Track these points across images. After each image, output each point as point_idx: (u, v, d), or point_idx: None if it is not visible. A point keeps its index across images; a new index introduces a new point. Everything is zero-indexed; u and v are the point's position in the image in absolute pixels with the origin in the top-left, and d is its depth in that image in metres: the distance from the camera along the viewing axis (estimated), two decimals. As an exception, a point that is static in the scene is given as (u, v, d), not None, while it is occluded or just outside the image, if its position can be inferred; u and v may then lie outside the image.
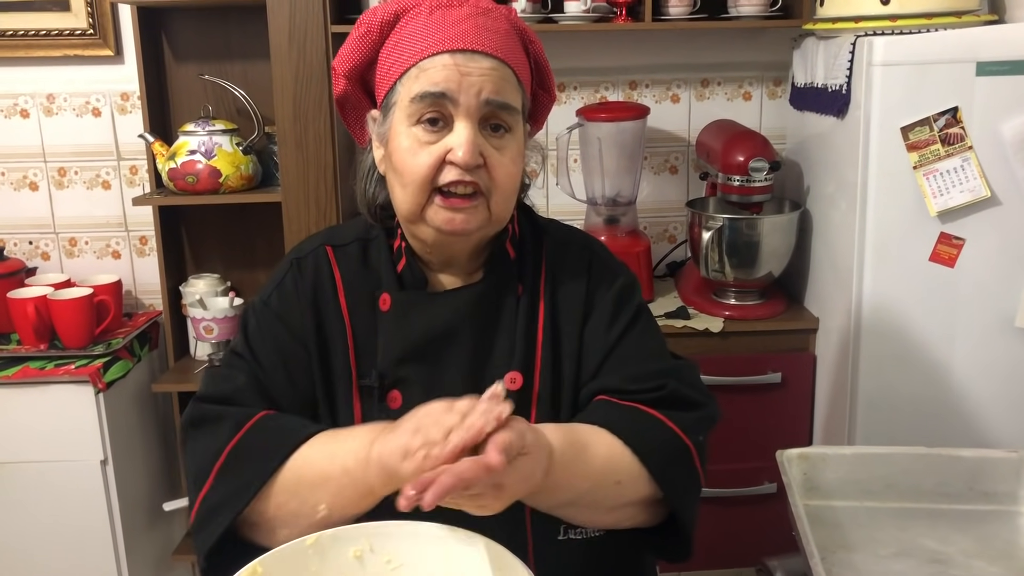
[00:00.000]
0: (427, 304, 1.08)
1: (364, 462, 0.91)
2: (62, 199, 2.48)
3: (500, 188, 1.02)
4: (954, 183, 1.81)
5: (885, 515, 1.19)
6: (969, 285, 1.87)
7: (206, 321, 2.22)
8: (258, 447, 0.99)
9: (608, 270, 1.15)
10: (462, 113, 0.99)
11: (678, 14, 2.23)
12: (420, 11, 1.03)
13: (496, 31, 1.02)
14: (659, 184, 2.55)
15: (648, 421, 1.03)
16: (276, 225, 2.18)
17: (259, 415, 1.02)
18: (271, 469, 0.97)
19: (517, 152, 1.04)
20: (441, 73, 0.99)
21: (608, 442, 1.00)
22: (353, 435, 0.97)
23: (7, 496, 2.14)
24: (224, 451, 0.99)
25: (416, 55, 1.00)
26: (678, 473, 1.03)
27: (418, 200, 1.02)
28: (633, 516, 1.04)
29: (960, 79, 1.79)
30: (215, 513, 0.98)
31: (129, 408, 2.27)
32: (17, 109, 2.42)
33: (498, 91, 1.00)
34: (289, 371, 1.08)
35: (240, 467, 0.99)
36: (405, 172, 1.01)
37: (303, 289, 1.11)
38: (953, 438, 1.90)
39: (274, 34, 2.06)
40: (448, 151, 1.00)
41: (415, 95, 0.99)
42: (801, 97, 2.24)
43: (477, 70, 0.99)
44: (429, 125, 1.00)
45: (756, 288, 2.21)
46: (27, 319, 2.14)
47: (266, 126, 2.29)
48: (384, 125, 1.05)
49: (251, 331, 1.11)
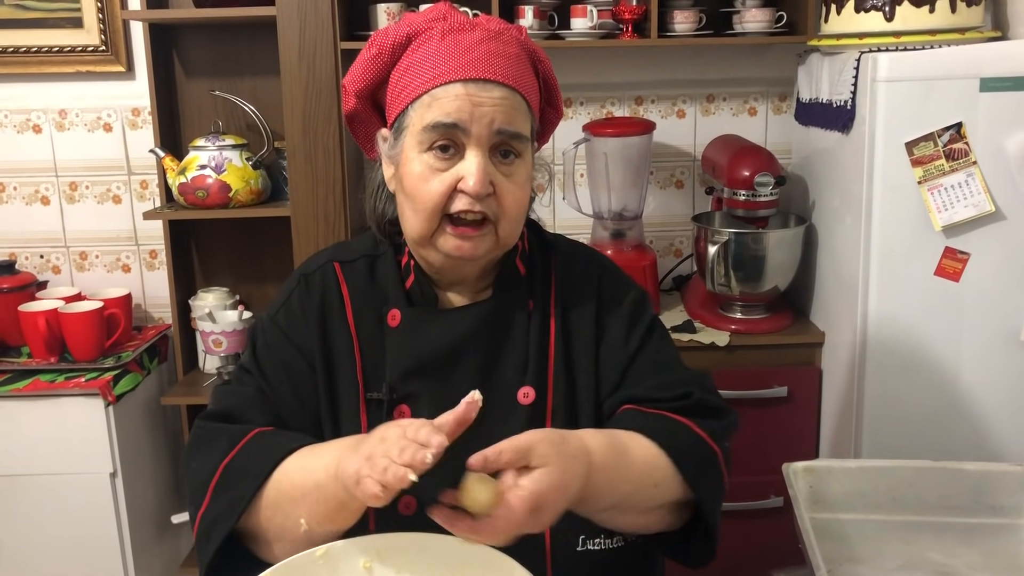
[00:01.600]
0: (437, 320, 1.10)
1: (333, 478, 0.93)
2: (73, 213, 2.50)
3: (508, 215, 1.04)
4: (958, 198, 1.82)
5: (891, 528, 1.19)
6: (974, 299, 1.88)
7: (215, 334, 2.23)
8: (249, 463, 1.01)
9: (619, 284, 1.17)
10: (473, 142, 1.00)
11: (684, 30, 2.25)
12: (432, 34, 1.03)
13: (507, 56, 1.03)
14: (665, 199, 2.56)
15: (678, 427, 1.06)
16: (285, 239, 2.20)
17: (253, 432, 1.04)
18: (257, 485, 0.99)
19: (526, 176, 1.06)
20: (453, 103, 0.99)
21: (645, 445, 1.02)
22: (327, 450, 0.98)
23: (18, 508, 2.15)
24: (219, 468, 1.02)
25: (429, 82, 1.01)
26: (708, 477, 1.05)
27: (428, 226, 1.03)
28: (663, 519, 1.06)
29: (964, 95, 1.80)
30: (212, 529, 1.00)
31: (138, 421, 2.29)
32: (30, 124, 2.45)
33: (509, 120, 1.01)
34: (295, 387, 1.09)
35: (233, 483, 1.01)
36: (416, 198, 1.03)
37: (310, 305, 1.12)
38: (959, 451, 1.90)
39: (284, 50, 2.08)
40: (459, 179, 1.01)
41: (428, 124, 1.00)
42: (806, 112, 2.26)
43: (489, 100, 1.00)
44: (441, 152, 1.01)
45: (762, 302, 2.21)
46: (38, 332, 2.16)
47: (276, 141, 2.31)
48: (396, 147, 1.06)
49: (259, 347, 1.13)
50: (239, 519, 0.99)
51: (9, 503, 2.15)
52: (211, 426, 1.07)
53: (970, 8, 1.90)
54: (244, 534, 1.02)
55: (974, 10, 1.91)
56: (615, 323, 1.14)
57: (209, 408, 1.11)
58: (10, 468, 2.13)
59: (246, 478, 1.00)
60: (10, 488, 2.14)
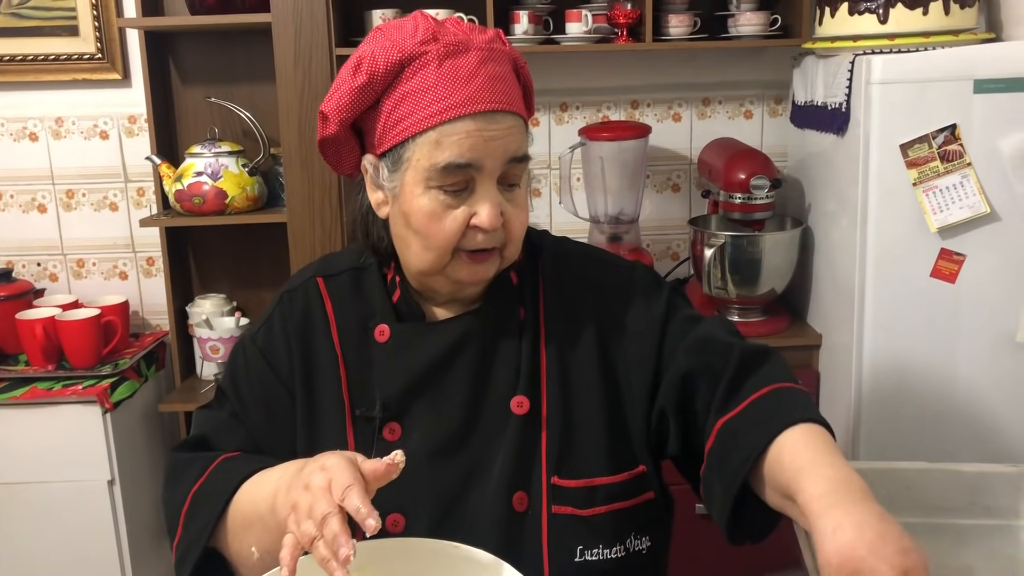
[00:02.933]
0: (427, 335, 1.08)
1: (271, 508, 0.91)
2: (70, 221, 2.50)
3: (514, 238, 1.04)
4: (954, 199, 1.83)
5: (887, 530, 1.19)
6: (970, 300, 1.88)
7: (212, 341, 2.24)
8: (212, 490, 1.01)
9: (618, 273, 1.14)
10: (486, 177, 0.99)
11: (679, 34, 2.26)
12: (428, 59, 0.97)
13: (504, 78, 1.00)
14: (661, 202, 2.56)
15: (798, 395, 0.99)
16: (282, 245, 2.20)
17: (219, 460, 1.04)
18: (218, 511, 0.98)
19: (525, 196, 1.05)
20: (466, 142, 0.96)
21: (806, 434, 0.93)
22: (267, 480, 0.96)
23: (15, 516, 2.15)
24: (188, 497, 1.02)
25: (434, 117, 0.96)
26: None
27: (441, 262, 1.02)
28: None
29: (958, 97, 1.81)
30: (184, 557, 1.01)
31: (136, 428, 2.29)
32: (26, 132, 2.45)
33: (518, 146, 1.00)
34: (270, 411, 1.09)
35: (199, 511, 1.01)
36: (430, 236, 1.00)
37: (291, 325, 1.11)
38: (956, 453, 1.90)
39: (279, 57, 2.09)
40: (472, 214, 0.99)
41: (440, 165, 0.97)
42: (801, 115, 2.26)
43: (499, 133, 0.98)
44: (452, 189, 0.99)
45: (759, 305, 2.21)
46: (35, 340, 2.16)
47: (271, 147, 2.32)
48: (393, 180, 1.01)
49: (237, 369, 1.12)
50: (205, 546, 0.99)
51: (7, 511, 2.15)
52: (183, 456, 1.08)
53: (964, 10, 1.90)
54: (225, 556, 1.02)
55: (968, 12, 1.91)
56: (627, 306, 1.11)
57: (188, 436, 1.12)
58: (8, 476, 2.13)
59: (209, 505, 1.00)
60: (8, 496, 2.14)
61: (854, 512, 0.81)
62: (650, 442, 1.09)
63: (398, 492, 1.03)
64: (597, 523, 1.04)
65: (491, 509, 1.03)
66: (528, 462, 1.05)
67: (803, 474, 0.87)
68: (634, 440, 1.08)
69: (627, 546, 1.07)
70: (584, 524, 1.04)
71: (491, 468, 1.04)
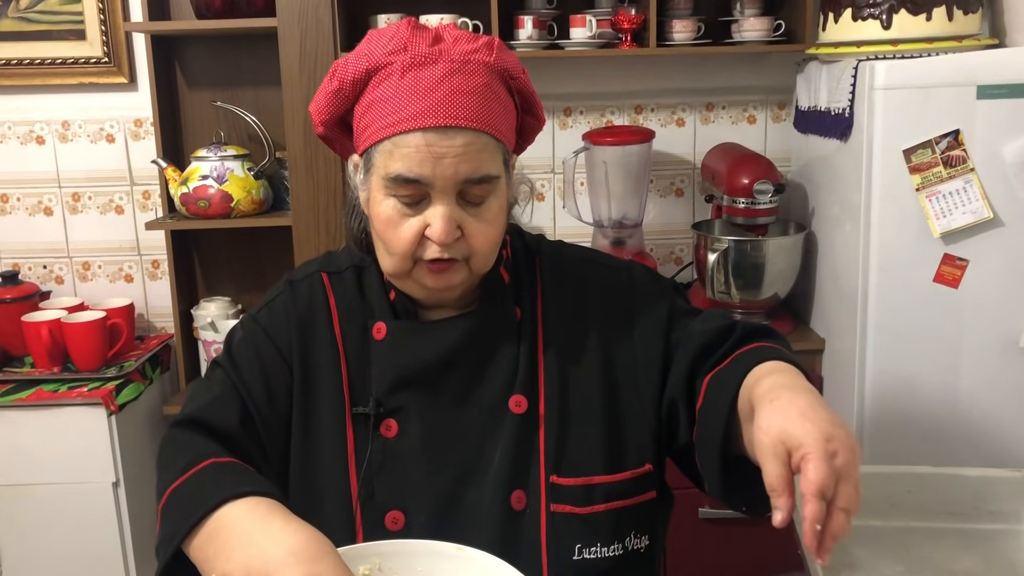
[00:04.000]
0: (423, 333, 1.08)
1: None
2: (76, 224, 2.51)
3: (479, 252, 1.02)
4: (957, 205, 1.83)
5: (890, 534, 1.20)
6: (973, 306, 1.88)
7: (217, 344, 2.24)
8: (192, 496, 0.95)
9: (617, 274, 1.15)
10: (438, 192, 0.98)
11: (682, 39, 2.26)
12: (393, 70, 0.97)
13: (471, 92, 0.97)
14: (665, 207, 2.57)
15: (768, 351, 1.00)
16: (287, 249, 2.21)
17: (208, 461, 0.98)
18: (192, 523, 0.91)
19: (497, 210, 1.03)
20: (415, 157, 0.96)
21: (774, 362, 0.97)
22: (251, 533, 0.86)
23: (20, 517, 2.16)
24: (167, 492, 0.98)
25: (388, 128, 0.97)
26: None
27: (403, 267, 1.02)
28: None
29: (961, 102, 1.81)
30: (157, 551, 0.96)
31: (141, 430, 2.29)
32: (33, 136, 2.46)
33: (475, 168, 0.97)
34: (268, 384, 1.07)
35: (174, 512, 0.96)
36: (388, 243, 1.01)
37: (295, 312, 1.11)
38: (959, 458, 1.90)
39: (285, 61, 2.10)
40: (426, 225, 0.99)
41: (390, 175, 0.98)
42: (805, 120, 2.27)
43: (451, 150, 0.96)
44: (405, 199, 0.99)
45: (762, 309, 2.22)
46: (41, 342, 2.17)
47: (277, 151, 2.33)
48: (366, 182, 1.03)
49: (235, 343, 1.11)
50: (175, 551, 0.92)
51: (11, 512, 2.15)
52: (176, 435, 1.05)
53: (967, 16, 1.91)
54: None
55: (971, 18, 1.92)
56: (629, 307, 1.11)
57: (182, 412, 1.08)
58: (13, 478, 2.14)
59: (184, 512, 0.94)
60: (13, 497, 2.15)
61: (797, 399, 0.86)
62: (661, 436, 1.10)
63: (398, 489, 1.05)
64: (596, 521, 1.04)
65: (489, 507, 1.03)
66: (526, 461, 1.05)
67: (759, 384, 0.92)
68: (638, 439, 1.09)
69: (625, 545, 1.07)
70: (583, 522, 1.04)
71: (489, 466, 1.04)
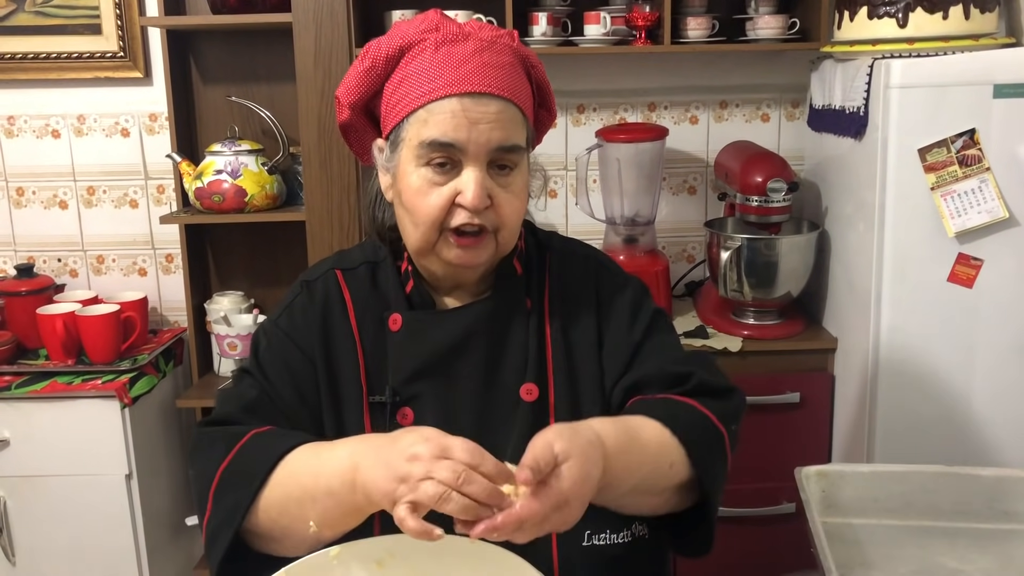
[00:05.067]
0: (437, 322, 1.11)
1: (350, 485, 0.92)
2: (90, 217, 2.53)
3: (507, 224, 1.06)
4: (972, 204, 1.82)
5: (904, 533, 1.20)
6: (987, 305, 1.87)
7: (230, 338, 2.25)
8: (246, 466, 1.01)
9: (616, 278, 1.19)
10: (471, 159, 1.02)
11: (697, 37, 2.26)
12: (426, 46, 1.03)
13: (501, 66, 1.03)
14: (678, 204, 2.56)
15: (682, 407, 1.06)
16: (300, 243, 2.22)
17: (249, 434, 1.04)
18: (256, 487, 0.99)
19: (522, 185, 1.07)
20: (450, 121, 1.00)
21: (654, 427, 1.02)
22: (335, 454, 0.97)
23: (34, 509, 2.17)
24: (217, 474, 1.02)
25: (423, 96, 1.01)
26: (713, 459, 1.05)
27: (429, 238, 1.05)
28: (671, 500, 1.06)
29: (977, 101, 1.80)
30: (217, 534, 1.01)
31: (154, 423, 2.31)
32: (49, 130, 2.48)
33: (506, 135, 1.02)
34: (297, 386, 1.11)
35: (231, 488, 1.01)
36: (416, 212, 1.04)
37: (313, 310, 1.14)
38: (973, 458, 1.89)
39: (300, 56, 2.10)
40: (457, 193, 1.02)
41: (424, 141, 1.01)
42: (819, 119, 2.26)
43: (485, 116, 1.01)
44: (438, 167, 1.02)
45: (775, 308, 2.21)
46: (55, 335, 2.19)
47: (291, 146, 2.33)
48: (392, 160, 1.07)
49: (261, 350, 1.14)
50: (241, 523, 0.99)
51: (26, 503, 2.17)
52: (208, 431, 1.08)
53: (984, 15, 1.90)
54: (250, 532, 1.02)
55: (988, 17, 1.91)
56: (617, 317, 1.15)
57: (212, 415, 1.12)
58: (27, 469, 2.15)
59: (244, 482, 1.00)
60: (27, 489, 2.16)
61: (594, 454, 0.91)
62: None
63: None
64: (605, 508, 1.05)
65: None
66: None
67: (610, 420, 1.00)
68: None
69: (633, 531, 1.09)
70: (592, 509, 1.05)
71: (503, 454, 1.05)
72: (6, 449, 2.14)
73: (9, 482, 2.16)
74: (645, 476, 1.00)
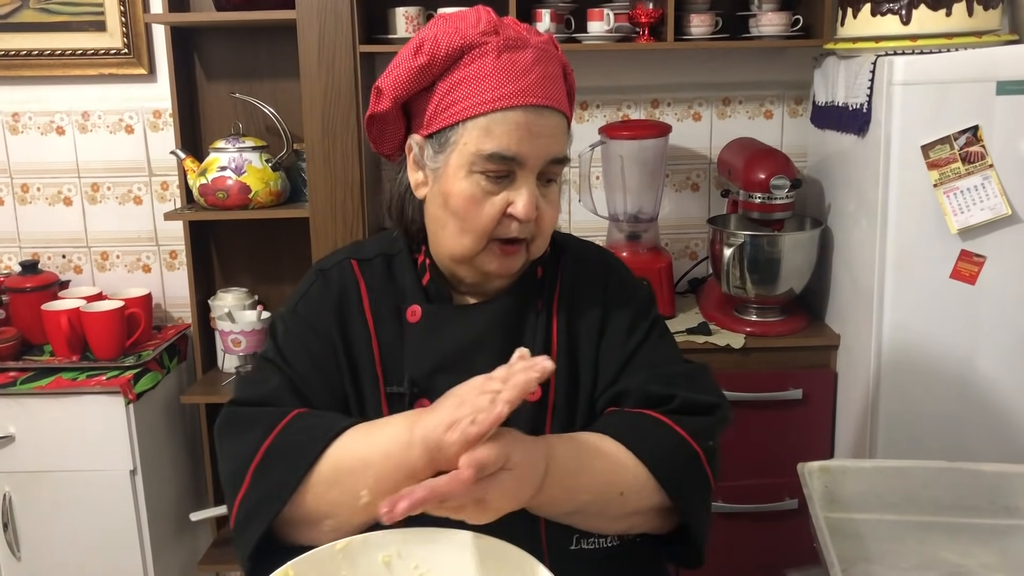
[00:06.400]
0: (457, 317, 1.11)
1: (406, 444, 0.93)
2: (95, 214, 2.53)
3: (543, 233, 1.08)
4: (975, 201, 1.82)
5: (906, 528, 1.20)
6: (990, 302, 1.88)
7: (234, 334, 2.26)
8: (293, 445, 1.00)
9: (625, 287, 1.19)
10: (527, 170, 1.03)
11: (700, 34, 2.26)
12: (488, 49, 1.02)
13: (555, 77, 1.05)
14: (681, 201, 2.57)
15: (656, 428, 1.06)
16: (304, 240, 2.22)
17: (292, 414, 1.04)
18: (307, 465, 0.98)
19: (557, 194, 1.10)
20: (515, 134, 1.00)
21: (612, 452, 1.02)
22: (390, 422, 0.99)
23: (39, 504, 2.18)
24: (259, 452, 1.01)
25: (488, 104, 1.00)
26: (687, 480, 1.05)
27: (476, 247, 1.05)
28: (644, 523, 1.06)
29: (980, 98, 1.81)
30: (254, 514, 1.00)
31: (158, 419, 2.31)
32: (53, 126, 2.48)
33: (560, 148, 1.05)
34: (321, 372, 1.10)
35: (276, 466, 1.00)
36: (467, 219, 1.04)
37: (329, 298, 1.13)
38: (975, 455, 1.89)
39: (304, 54, 2.11)
40: (509, 203, 1.03)
41: (486, 152, 1.01)
42: (822, 115, 2.26)
43: (545, 129, 1.02)
44: (494, 178, 1.02)
45: (777, 304, 2.22)
46: (60, 331, 2.19)
47: (295, 143, 2.34)
48: (437, 160, 1.05)
49: (281, 337, 1.13)
50: (288, 500, 0.98)
51: (31, 498, 2.18)
52: (245, 410, 1.07)
53: (987, 12, 1.90)
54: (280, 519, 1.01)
55: (991, 14, 1.91)
56: (618, 321, 1.15)
57: (237, 395, 1.10)
58: (32, 464, 2.16)
59: (293, 458, 0.99)
60: (32, 484, 2.17)
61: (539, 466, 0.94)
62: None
63: None
64: None
65: None
66: None
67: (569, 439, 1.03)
68: None
69: (623, 536, 1.10)
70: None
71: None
72: (11, 445, 2.15)
73: (14, 477, 2.17)
74: (586, 503, 1.00)
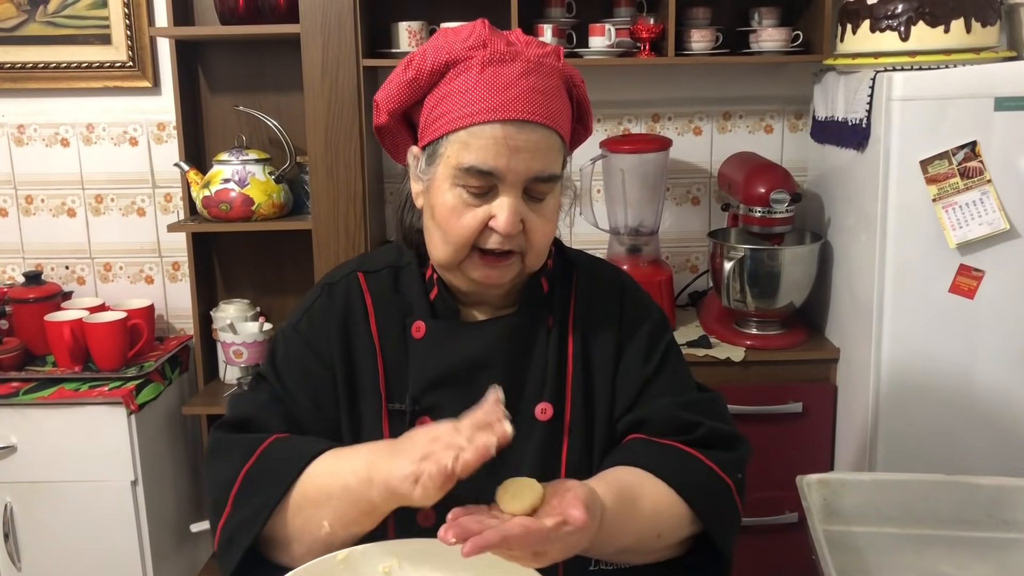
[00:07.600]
0: (461, 333, 1.11)
1: (366, 482, 0.94)
2: (98, 225, 2.55)
3: (536, 247, 1.06)
4: (973, 216, 1.83)
5: (904, 541, 1.20)
6: (988, 317, 1.88)
7: (236, 345, 2.27)
8: (269, 471, 1.02)
9: (640, 307, 1.18)
10: (508, 185, 1.01)
11: (701, 49, 2.28)
12: (472, 64, 1.01)
13: (546, 91, 1.02)
14: (681, 215, 2.58)
15: (690, 461, 1.06)
16: (306, 252, 2.23)
17: (270, 440, 1.05)
18: (281, 491, 1.00)
19: (554, 209, 1.07)
20: (491, 149, 0.99)
21: (653, 495, 1.03)
22: (355, 454, 1.00)
23: (40, 514, 2.18)
24: (238, 478, 1.03)
25: (466, 117, 1.00)
26: (721, 511, 1.06)
27: (457, 256, 1.05)
28: (671, 553, 1.08)
29: (979, 114, 1.82)
30: (235, 537, 1.02)
31: (159, 430, 2.32)
32: (58, 138, 2.50)
33: (544, 165, 1.02)
34: (314, 394, 1.11)
35: (254, 491, 1.02)
36: (447, 230, 1.04)
37: (333, 314, 1.13)
38: (974, 469, 1.89)
39: (307, 67, 2.13)
40: (490, 216, 1.02)
41: (463, 165, 1.00)
42: (822, 130, 2.27)
43: (526, 144, 0.99)
44: (474, 190, 1.02)
45: (777, 318, 2.22)
46: (63, 342, 2.20)
47: (298, 156, 2.35)
48: (428, 172, 1.06)
49: (279, 356, 1.14)
50: (264, 524, 1.00)
51: (33, 508, 2.18)
52: (227, 436, 1.09)
53: (985, 28, 1.91)
54: (261, 539, 1.03)
55: (989, 30, 1.92)
56: (634, 345, 1.14)
57: (225, 417, 1.12)
58: (34, 474, 2.17)
59: (268, 484, 1.01)
60: (33, 494, 2.18)
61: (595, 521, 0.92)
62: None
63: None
64: None
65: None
66: (550, 469, 1.07)
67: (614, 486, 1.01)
68: None
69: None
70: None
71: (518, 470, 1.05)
72: (13, 455, 2.15)
73: (16, 488, 2.17)
74: (629, 545, 1.01)
